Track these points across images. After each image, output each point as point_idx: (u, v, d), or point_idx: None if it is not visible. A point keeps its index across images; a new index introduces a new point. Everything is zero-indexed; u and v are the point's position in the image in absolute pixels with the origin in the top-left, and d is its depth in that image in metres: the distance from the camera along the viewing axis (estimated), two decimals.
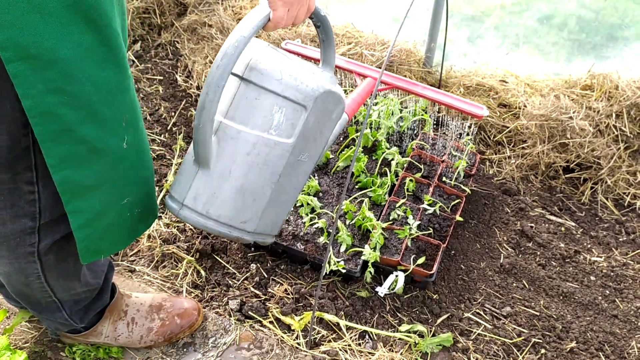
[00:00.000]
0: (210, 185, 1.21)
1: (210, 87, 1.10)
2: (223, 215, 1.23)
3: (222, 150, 1.19)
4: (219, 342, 1.73)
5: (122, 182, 1.23)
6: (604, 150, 2.27)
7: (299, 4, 1.17)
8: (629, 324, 1.90)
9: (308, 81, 1.19)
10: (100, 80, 1.05)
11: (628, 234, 2.19)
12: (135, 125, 1.21)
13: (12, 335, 1.72)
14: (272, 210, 1.29)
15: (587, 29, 2.60)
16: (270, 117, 1.18)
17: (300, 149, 1.24)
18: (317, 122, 1.24)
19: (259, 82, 1.17)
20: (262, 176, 1.22)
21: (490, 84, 2.53)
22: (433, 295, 1.93)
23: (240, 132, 1.18)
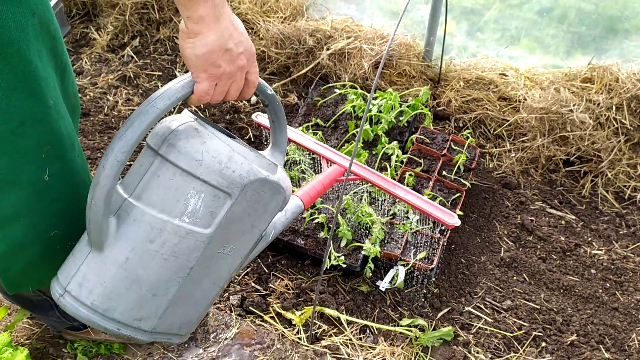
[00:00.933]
0: (101, 273, 1.04)
1: (108, 160, 0.95)
2: (112, 310, 1.05)
3: (121, 234, 1.03)
4: (220, 337, 1.74)
5: (45, 215, 1.15)
6: (604, 143, 2.27)
7: (230, 79, 1.01)
8: (630, 316, 1.90)
9: (236, 167, 1.03)
10: (9, 110, 0.97)
11: (628, 227, 2.19)
12: (61, 157, 1.11)
13: (14, 332, 1.73)
14: (180, 309, 1.12)
15: (587, 22, 2.59)
16: (185, 202, 1.02)
17: (221, 240, 1.08)
18: (245, 213, 1.08)
19: (176, 160, 1.01)
20: (167, 269, 1.05)
21: (490, 77, 2.53)
22: (434, 289, 1.93)
23: (146, 215, 1.02)
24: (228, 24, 0.96)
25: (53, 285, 1.10)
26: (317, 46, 2.59)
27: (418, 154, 2.25)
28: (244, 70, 1.03)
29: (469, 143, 2.27)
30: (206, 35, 0.94)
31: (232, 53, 0.98)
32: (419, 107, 2.31)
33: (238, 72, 1.02)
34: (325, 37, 2.59)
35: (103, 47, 2.80)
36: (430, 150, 2.23)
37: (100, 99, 2.58)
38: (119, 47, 2.83)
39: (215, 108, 2.59)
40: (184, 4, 0.91)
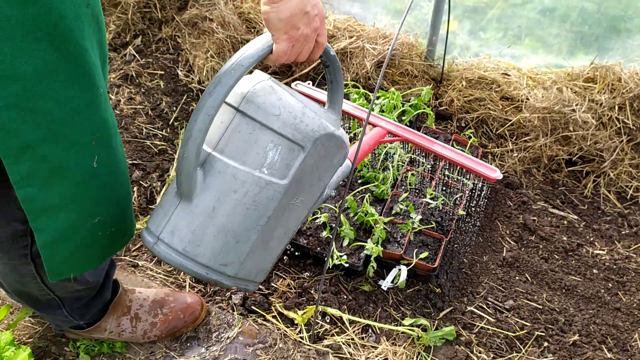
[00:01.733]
0: (191, 221, 1.12)
1: (199, 115, 1.03)
2: (201, 255, 1.13)
3: (207, 185, 1.10)
4: (223, 336, 1.74)
5: (92, 202, 1.18)
6: (607, 143, 2.27)
7: (305, 41, 1.09)
8: (632, 316, 1.90)
9: (309, 121, 1.11)
10: (65, 99, 1.01)
11: (631, 227, 2.19)
12: (107, 145, 1.16)
13: (16, 331, 1.73)
14: (258, 256, 1.20)
15: (589, 21, 2.58)
16: (264, 155, 1.10)
17: (294, 192, 1.15)
18: (315, 166, 1.16)
19: (255, 116, 1.09)
20: (248, 217, 1.13)
21: (492, 77, 2.53)
22: (436, 289, 1.93)
23: (229, 167, 1.10)
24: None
25: (144, 236, 1.18)
26: None
27: (420, 153, 2.24)
28: (317, 32, 1.10)
29: (471, 143, 2.26)
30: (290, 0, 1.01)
31: (309, 15, 1.06)
32: (421, 107, 2.31)
33: (312, 34, 1.09)
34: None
35: None
36: None
37: None
38: (121, 46, 2.83)
39: None
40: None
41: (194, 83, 2.66)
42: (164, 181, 2.23)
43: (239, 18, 2.74)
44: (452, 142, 2.25)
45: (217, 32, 2.66)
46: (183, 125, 2.49)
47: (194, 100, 2.62)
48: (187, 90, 2.66)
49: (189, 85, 2.67)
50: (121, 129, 2.43)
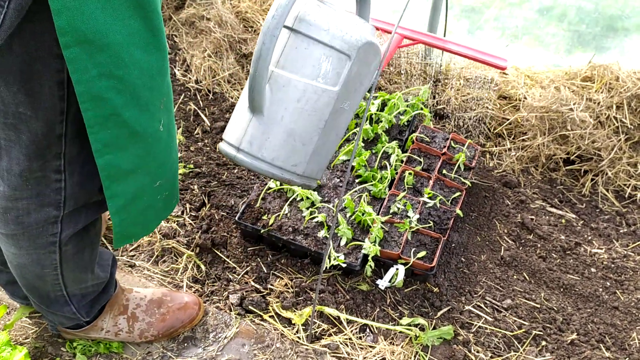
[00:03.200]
0: (264, 130, 1.26)
1: (266, 36, 1.14)
2: (276, 158, 1.27)
3: (274, 98, 1.23)
4: (220, 336, 1.73)
5: (156, 165, 1.27)
6: (605, 142, 2.27)
7: None
8: (630, 315, 1.90)
9: (352, 32, 1.23)
10: (145, 64, 1.08)
11: (629, 226, 2.19)
12: (170, 108, 1.25)
13: (13, 331, 1.72)
14: (318, 155, 1.33)
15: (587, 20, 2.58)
16: (318, 66, 1.22)
17: (343, 97, 1.28)
18: (358, 72, 1.27)
19: (308, 32, 1.21)
20: (310, 122, 1.27)
21: (490, 76, 2.52)
22: (434, 288, 1.93)
23: (291, 80, 1.22)
24: None
25: (224, 148, 1.30)
26: None
27: (418, 152, 2.24)
28: None
29: (469, 142, 2.26)
30: None
31: None
32: (419, 107, 2.30)
33: None
34: None
35: None
36: (431, 149, 2.23)
37: None
38: None
39: (215, 107, 2.59)
40: None
41: (191, 82, 2.66)
42: None
43: (236, 17, 2.74)
44: (450, 141, 2.25)
45: (215, 31, 2.66)
46: (180, 125, 2.49)
47: (191, 99, 2.61)
48: (184, 89, 2.65)
49: (187, 84, 2.66)
50: None
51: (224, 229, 2.06)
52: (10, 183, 1.18)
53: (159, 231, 2.03)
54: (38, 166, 1.15)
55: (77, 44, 0.96)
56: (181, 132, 2.44)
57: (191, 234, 2.04)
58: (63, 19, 0.92)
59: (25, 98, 1.04)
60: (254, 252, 2.01)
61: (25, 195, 1.20)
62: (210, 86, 2.63)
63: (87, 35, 0.95)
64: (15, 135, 1.10)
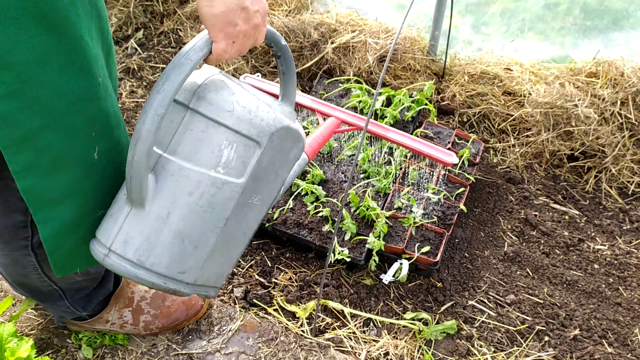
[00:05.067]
0: (144, 229, 1.06)
1: (148, 114, 0.96)
2: (158, 264, 1.08)
3: (160, 189, 1.05)
4: (224, 329, 1.74)
5: (94, 195, 1.16)
6: (609, 138, 2.27)
7: (245, 37, 1.03)
8: (633, 311, 1.90)
9: (263, 115, 1.06)
10: (65, 87, 0.99)
11: (632, 223, 2.19)
12: (108, 136, 1.13)
13: (19, 323, 1.73)
14: (217, 260, 1.15)
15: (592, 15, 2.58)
16: (219, 153, 1.05)
17: (251, 190, 1.11)
18: (272, 162, 1.12)
19: (208, 113, 1.03)
20: (206, 220, 1.08)
21: (494, 71, 2.52)
22: (437, 283, 1.93)
23: (183, 169, 1.04)
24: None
25: (94, 248, 1.12)
26: (322, 40, 2.58)
27: None
28: (258, 28, 1.05)
29: (473, 138, 2.26)
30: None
31: (249, 11, 1.00)
32: (423, 102, 2.30)
33: (252, 30, 1.04)
34: (330, 31, 2.59)
35: None
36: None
37: None
38: (123, 39, 2.82)
39: None
40: None
41: None
42: None
43: None
44: (454, 137, 2.25)
45: None
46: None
47: None
48: None
49: None
50: None
51: None
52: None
53: None
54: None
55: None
56: None
57: None
58: None
59: None
60: (258, 246, 2.01)
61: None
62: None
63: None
64: None
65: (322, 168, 2.14)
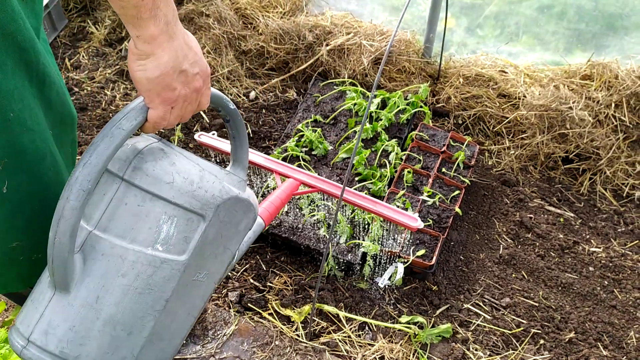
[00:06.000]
0: (69, 317, 0.94)
1: (72, 190, 0.85)
2: (85, 356, 0.96)
3: (89, 271, 0.94)
4: (219, 333, 1.74)
5: (5, 226, 1.08)
6: (603, 141, 2.27)
7: (186, 101, 0.95)
8: (628, 314, 1.91)
9: (208, 186, 0.98)
10: None
11: (626, 225, 2.20)
12: (22, 170, 1.04)
13: None
14: (156, 345, 1.04)
15: (586, 19, 2.58)
16: (157, 229, 0.95)
17: (196, 267, 1.02)
18: (219, 235, 1.03)
19: (144, 185, 0.94)
20: (142, 303, 0.97)
21: (489, 74, 2.52)
22: (432, 286, 1.93)
23: (116, 247, 0.94)
24: (182, 42, 0.90)
25: (12, 337, 0.99)
26: (317, 42, 2.58)
27: (417, 150, 2.24)
28: (199, 92, 0.98)
29: (468, 140, 2.26)
30: (159, 56, 0.87)
31: (188, 74, 0.93)
32: (418, 105, 2.30)
33: (193, 94, 0.96)
34: (324, 33, 2.58)
35: (100, 41, 2.79)
36: (430, 147, 2.23)
37: (97, 94, 2.56)
38: (117, 42, 2.81)
39: None
40: (132, 23, 0.83)
41: None
42: None
43: (235, 13, 2.73)
44: (449, 140, 2.25)
45: (214, 27, 2.65)
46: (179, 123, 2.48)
47: None
48: None
49: None
50: None
51: None
52: None
53: None
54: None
55: None
56: (180, 129, 2.43)
57: None
58: None
59: None
60: (253, 249, 2.01)
61: None
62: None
63: None
64: None
65: (317, 171, 2.14)
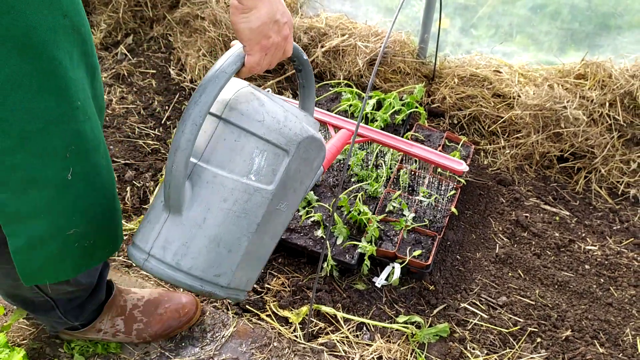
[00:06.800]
0: (182, 234, 1.11)
1: (186, 125, 1.02)
2: (195, 267, 1.12)
3: (196, 196, 1.10)
4: (217, 336, 1.74)
5: (66, 213, 1.17)
6: (598, 140, 2.28)
7: (277, 49, 1.09)
8: (624, 311, 1.92)
9: (291, 125, 1.12)
10: (36, 110, 1.00)
11: (622, 223, 2.21)
12: (84, 157, 1.14)
13: (10, 333, 1.72)
14: (248, 264, 1.20)
15: (580, 18, 2.60)
16: (250, 161, 1.10)
17: (279, 197, 1.16)
18: (298, 170, 1.16)
19: (239, 123, 1.09)
20: (239, 225, 1.13)
21: (484, 74, 2.53)
22: (429, 286, 1.94)
23: (217, 176, 1.09)
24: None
25: (133, 253, 1.15)
26: (312, 44, 2.59)
27: None
28: (287, 39, 1.10)
29: (463, 140, 2.27)
30: (260, 9, 1.01)
31: (279, 23, 1.06)
32: (413, 105, 2.31)
33: (282, 42, 1.09)
34: (319, 35, 2.59)
35: (96, 44, 2.79)
36: None
37: None
38: (113, 45, 2.82)
39: None
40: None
41: (186, 82, 2.65)
42: (157, 181, 2.22)
43: None
44: (444, 140, 2.26)
45: (209, 30, 2.66)
46: (175, 125, 2.48)
47: (186, 99, 2.61)
48: (179, 89, 2.65)
49: (181, 84, 2.66)
50: (113, 129, 2.42)
51: None
52: None
53: None
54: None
55: None
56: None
57: None
58: None
59: None
60: None
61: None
62: None
63: None
64: None
65: None
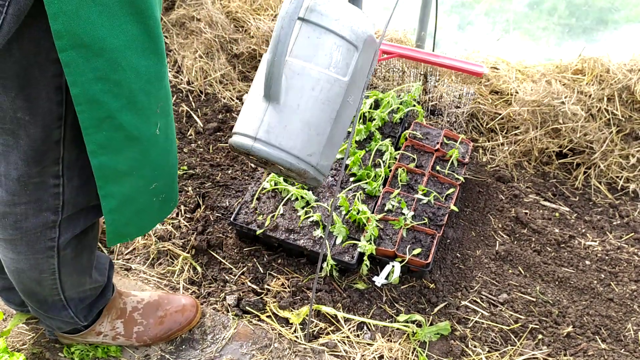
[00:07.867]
0: (281, 119, 1.26)
1: (285, 20, 1.16)
2: (293, 147, 1.27)
3: (290, 85, 1.24)
4: (218, 337, 1.74)
5: (151, 168, 1.27)
6: (597, 135, 2.28)
7: None
8: (625, 307, 1.91)
9: (359, 24, 1.25)
10: (142, 69, 1.09)
11: (622, 218, 2.20)
12: (168, 112, 1.26)
13: (10, 338, 1.72)
14: (329, 147, 1.34)
15: (577, 13, 2.59)
16: (330, 55, 1.24)
17: (350, 89, 1.29)
18: (362, 66, 1.29)
19: (320, 22, 1.23)
20: (324, 112, 1.27)
21: None
22: (430, 284, 1.93)
23: (305, 68, 1.24)
24: None
25: (240, 141, 1.28)
26: None
27: (411, 149, 2.25)
28: None
29: (462, 138, 2.27)
30: None
31: None
32: (411, 103, 2.31)
33: None
34: None
35: None
36: (424, 146, 2.23)
37: None
38: None
39: (207, 108, 2.58)
40: None
41: (183, 84, 2.65)
42: None
43: (226, 17, 2.73)
44: (443, 137, 2.25)
45: (205, 31, 2.65)
46: None
47: (183, 100, 2.60)
48: (176, 91, 2.65)
49: (178, 86, 2.65)
50: None
51: (219, 230, 2.06)
52: (8, 188, 1.18)
53: (154, 234, 2.03)
54: (36, 171, 1.16)
55: (73, 48, 0.97)
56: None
57: (186, 235, 2.04)
58: (59, 23, 0.93)
59: (24, 103, 1.05)
60: (250, 252, 2.01)
61: (23, 200, 1.20)
62: (202, 87, 2.63)
63: (84, 39, 0.97)
64: (14, 140, 1.10)
65: None
